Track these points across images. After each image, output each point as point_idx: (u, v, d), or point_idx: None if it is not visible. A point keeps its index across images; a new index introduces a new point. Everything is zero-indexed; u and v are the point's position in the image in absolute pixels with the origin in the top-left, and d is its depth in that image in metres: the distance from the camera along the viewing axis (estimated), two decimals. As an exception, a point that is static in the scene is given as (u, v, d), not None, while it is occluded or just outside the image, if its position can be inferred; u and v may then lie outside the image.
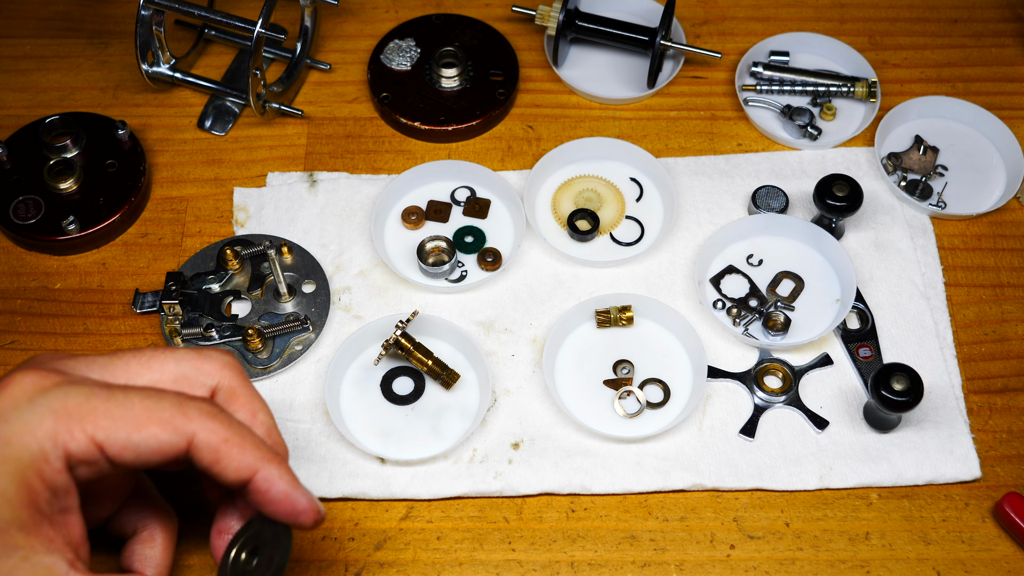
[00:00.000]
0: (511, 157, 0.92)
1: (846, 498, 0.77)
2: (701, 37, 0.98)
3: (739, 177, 0.90)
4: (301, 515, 0.60)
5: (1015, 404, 0.80)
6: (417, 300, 0.84)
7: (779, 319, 0.82)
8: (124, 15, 0.99)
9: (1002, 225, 0.88)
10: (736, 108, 0.94)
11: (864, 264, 0.85)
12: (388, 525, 0.76)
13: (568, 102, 0.95)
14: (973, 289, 0.85)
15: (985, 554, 0.74)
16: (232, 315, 0.83)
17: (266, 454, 0.60)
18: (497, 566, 0.74)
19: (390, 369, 0.81)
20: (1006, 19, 0.99)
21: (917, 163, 0.90)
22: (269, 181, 0.90)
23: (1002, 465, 0.78)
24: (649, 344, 0.82)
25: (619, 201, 0.88)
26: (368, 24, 0.99)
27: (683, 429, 0.79)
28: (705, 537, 0.75)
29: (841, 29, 0.98)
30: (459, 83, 0.94)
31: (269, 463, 0.59)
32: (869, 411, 0.79)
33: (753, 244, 0.87)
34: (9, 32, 0.99)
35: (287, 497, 0.60)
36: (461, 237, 0.87)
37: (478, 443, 0.78)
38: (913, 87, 0.95)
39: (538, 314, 0.84)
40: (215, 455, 0.58)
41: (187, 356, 0.62)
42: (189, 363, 0.61)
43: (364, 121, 0.94)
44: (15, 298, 0.85)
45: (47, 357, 0.62)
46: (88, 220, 0.86)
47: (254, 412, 0.63)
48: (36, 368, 0.59)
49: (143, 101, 0.95)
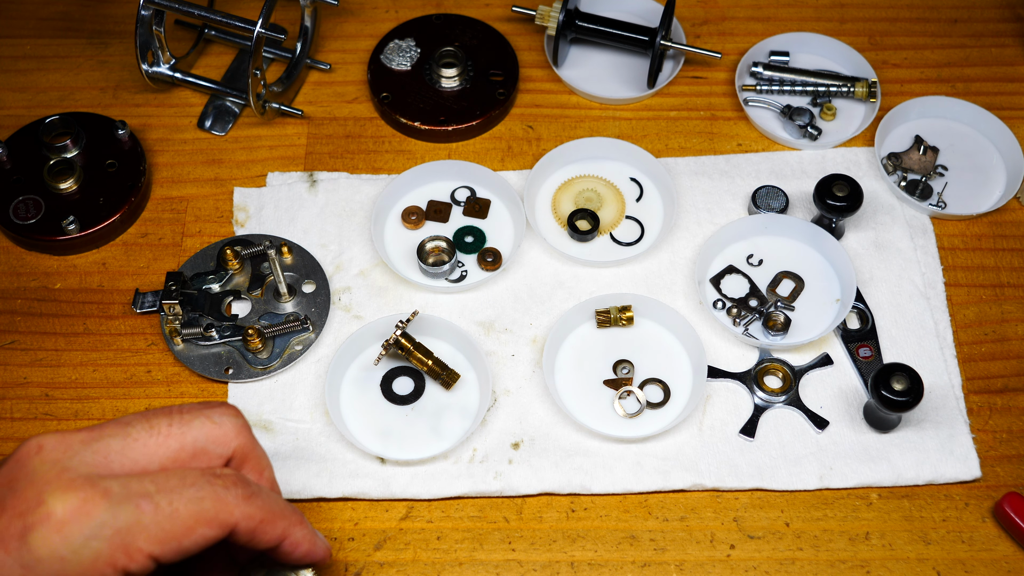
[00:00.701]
0: (511, 157, 0.92)
1: (846, 498, 0.77)
2: (701, 37, 0.98)
3: (739, 177, 0.90)
4: (319, 562, 0.65)
5: (1015, 404, 0.80)
6: (417, 300, 0.84)
7: (779, 319, 0.82)
8: (124, 15, 0.99)
9: (1002, 225, 0.88)
10: (736, 108, 0.94)
11: (864, 264, 0.85)
12: (388, 525, 0.76)
13: (568, 102, 0.95)
14: (973, 289, 0.85)
15: (985, 554, 0.74)
16: (232, 315, 0.83)
17: (290, 518, 0.62)
18: (497, 566, 0.74)
19: (390, 369, 0.81)
20: (1006, 19, 0.99)
21: (917, 163, 0.90)
22: (269, 181, 0.90)
23: (1002, 465, 0.78)
24: (649, 344, 0.82)
25: (619, 201, 0.88)
26: (368, 24, 0.99)
27: (683, 429, 0.79)
28: (705, 537, 0.75)
29: (841, 29, 0.98)
30: (459, 83, 0.94)
31: (294, 527, 0.62)
32: (869, 411, 0.79)
33: (753, 244, 0.87)
34: (9, 32, 0.99)
35: (309, 553, 0.64)
36: (461, 237, 0.87)
37: (478, 443, 0.78)
38: (913, 87, 0.95)
39: (538, 314, 0.84)
40: (251, 535, 0.60)
41: (202, 427, 0.62)
42: (205, 435, 0.61)
43: (364, 121, 0.94)
44: (15, 298, 0.85)
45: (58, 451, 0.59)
46: (88, 220, 0.86)
47: (262, 470, 0.65)
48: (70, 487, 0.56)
49: (143, 101, 0.95)
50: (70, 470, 0.57)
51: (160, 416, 0.61)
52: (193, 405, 0.62)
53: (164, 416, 0.61)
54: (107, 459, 0.58)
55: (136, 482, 0.57)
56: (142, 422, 0.60)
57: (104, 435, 0.59)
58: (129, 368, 0.82)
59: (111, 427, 0.60)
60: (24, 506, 0.56)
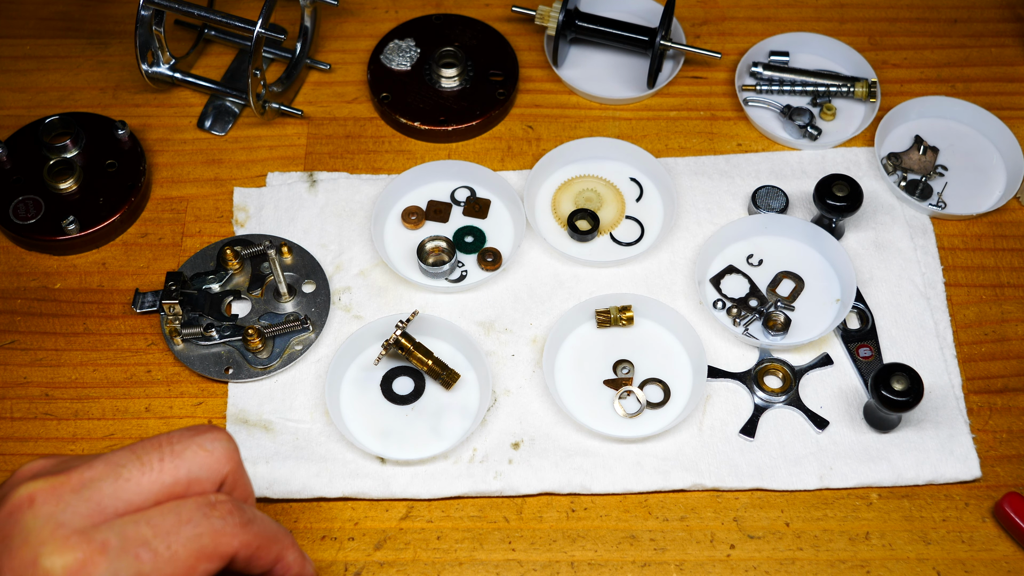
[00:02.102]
0: (511, 157, 0.92)
1: (846, 498, 0.77)
2: (701, 37, 0.98)
3: (739, 177, 0.90)
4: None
5: (1015, 404, 0.80)
6: (417, 300, 0.84)
7: (779, 319, 0.82)
8: (124, 15, 0.99)
9: (1002, 225, 0.88)
10: (736, 108, 0.94)
11: (864, 264, 0.85)
12: (388, 525, 0.76)
13: (568, 102, 0.95)
14: (973, 289, 0.85)
15: (985, 554, 0.74)
16: (232, 315, 0.83)
17: (283, 541, 0.62)
18: (497, 566, 0.74)
19: (390, 369, 0.81)
20: (1006, 19, 0.99)
21: (917, 163, 0.90)
22: (269, 181, 0.90)
23: (1002, 465, 0.78)
24: (649, 344, 0.82)
25: (619, 201, 0.88)
26: (368, 24, 0.99)
27: (683, 429, 0.79)
28: (705, 537, 0.75)
29: (841, 29, 0.98)
30: (459, 83, 0.94)
31: (287, 550, 0.63)
32: (869, 411, 0.79)
33: (753, 244, 0.87)
34: (9, 32, 0.99)
35: (299, 574, 0.64)
36: (461, 237, 0.87)
37: (478, 443, 0.78)
38: (913, 87, 0.95)
39: (538, 314, 0.84)
40: (248, 561, 0.60)
41: (195, 456, 0.60)
42: (198, 465, 0.60)
43: (364, 121, 0.94)
44: (15, 298, 0.85)
45: (50, 504, 0.57)
46: (88, 220, 0.86)
47: (247, 496, 0.64)
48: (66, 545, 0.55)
49: (143, 101, 0.95)
50: (64, 525, 0.55)
51: (151, 451, 0.59)
52: (183, 433, 0.61)
53: (155, 450, 0.59)
54: (100, 505, 0.57)
55: (132, 528, 0.56)
56: (133, 460, 0.59)
57: (95, 479, 0.57)
58: (129, 368, 0.82)
59: (101, 467, 0.58)
60: (20, 566, 0.54)
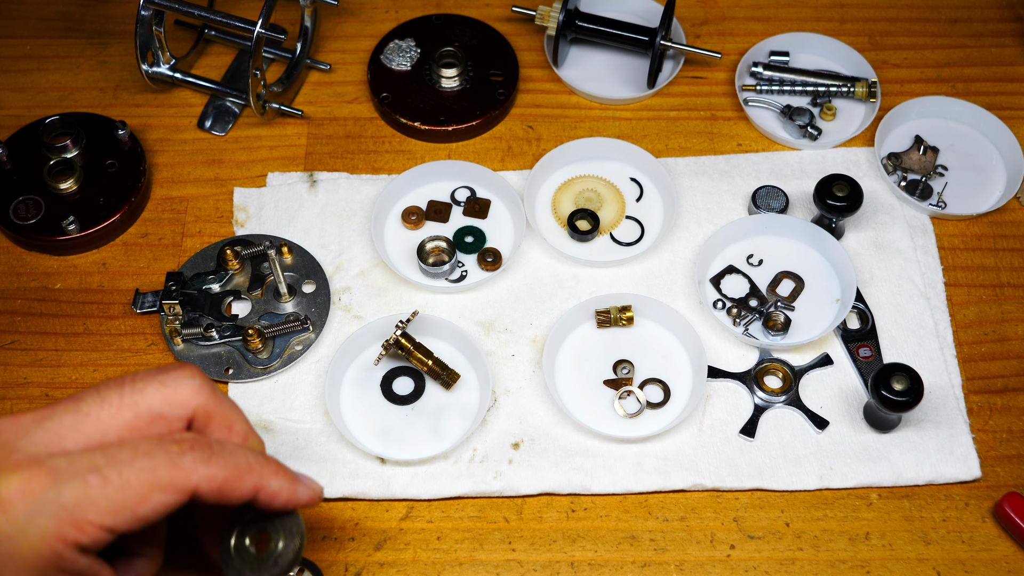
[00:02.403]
0: (511, 157, 0.92)
1: (846, 498, 0.77)
2: (701, 37, 0.98)
3: (739, 177, 0.90)
4: (304, 506, 0.64)
5: (1015, 404, 0.80)
6: (417, 300, 0.84)
7: (779, 319, 0.82)
8: (124, 15, 0.99)
9: (1002, 225, 0.88)
10: (736, 108, 0.94)
11: (864, 264, 0.85)
12: (388, 525, 0.76)
13: (568, 102, 0.95)
14: (973, 289, 0.85)
15: (985, 554, 0.74)
16: (232, 315, 0.83)
17: (262, 470, 0.61)
18: (497, 566, 0.74)
19: (390, 369, 0.81)
20: (1006, 19, 0.99)
21: (917, 163, 0.90)
22: (269, 181, 0.90)
23: (1002, 465, 0.78)
24: (649, 344, 0.82)
25: (619, 201, 0.88)
26: (368, 24, 0.99)
27: (683, 429, 0.79)
28: (705, 537, 0.75)
29: (841, 29, 0.98)
30: (459, 83, 0.94)
31: (267, 479, 0.61)
32: (869, 411, 0.79)
33: (753, 244, 0.87)
34: (9, 32, 0.99)
35: (290, 500, 0.63)
36: (461, 237, 0.87)
37: (478, 443, 0.78)
38: (913, 87, 0.95)
39: (538, 314, 0.84)
40: (218, 495, 0.59)
41: (157, 393, 0.61)
42: (160, 400, 0.61)
43: (364, 121, 0.94)
44: (15, 298, 0.85)
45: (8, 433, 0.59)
46: (88, 220, 0.86)
47: (230, 425, 0.63)
48: (16, 467, 0.57)
49: (143, 101, 0.95)
50: (18, 451, 0.58)
51: (111, 388, 0.60)
52: (148, 371, 0.62)
53: (115, 387, 0.60)
54: (59, 436, 0.59)
55: (85, 457, 0.57)
56: (93, 396, 0.60)
57: (56, 412, 0.60)
58: (129, 368, 0.82)
59: (64, 404, 0.60)
60: None
